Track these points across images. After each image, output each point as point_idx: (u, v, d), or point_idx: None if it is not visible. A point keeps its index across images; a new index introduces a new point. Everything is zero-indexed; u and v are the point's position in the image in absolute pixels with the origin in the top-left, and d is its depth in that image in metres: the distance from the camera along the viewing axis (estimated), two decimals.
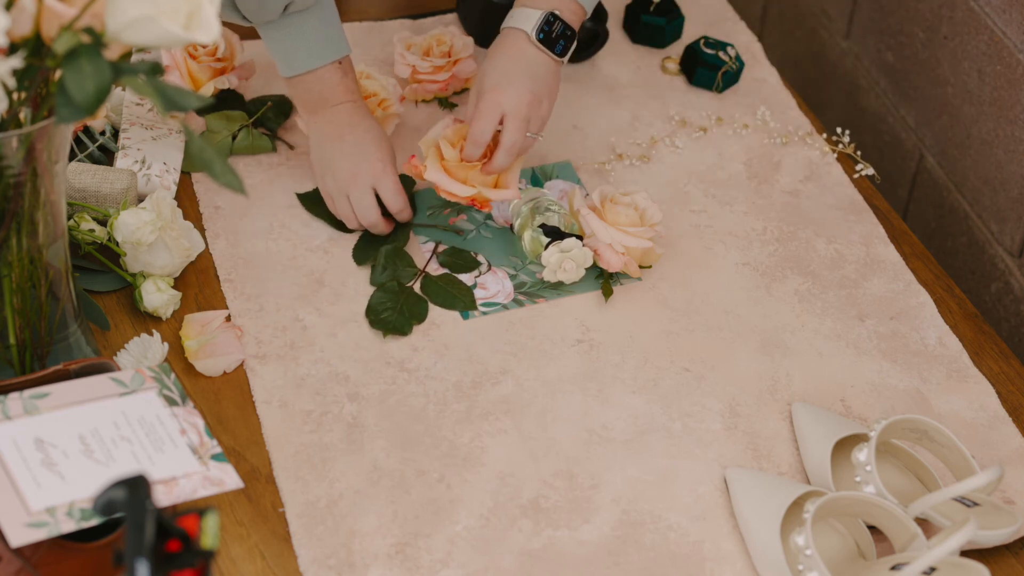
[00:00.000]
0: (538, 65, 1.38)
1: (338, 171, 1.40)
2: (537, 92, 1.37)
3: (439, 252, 1.43)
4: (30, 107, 1.02)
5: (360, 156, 1.40)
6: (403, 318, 1.35)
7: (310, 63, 1.37)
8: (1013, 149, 1.51)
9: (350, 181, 1.40)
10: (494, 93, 1.36)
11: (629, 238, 1.39)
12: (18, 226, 1.10)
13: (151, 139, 1.44)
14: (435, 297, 1.38)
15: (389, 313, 1.35)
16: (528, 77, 1.37)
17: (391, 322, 1.35)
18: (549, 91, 1.39)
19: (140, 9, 0.93)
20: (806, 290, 1.43)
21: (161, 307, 1.32)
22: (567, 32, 1.38)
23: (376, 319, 1.35)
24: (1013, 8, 1.48)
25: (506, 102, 1.36)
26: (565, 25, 1.38)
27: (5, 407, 1.08)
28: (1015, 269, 1.53)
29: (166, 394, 1.14)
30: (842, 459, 1.27)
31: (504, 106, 1.36)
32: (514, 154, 1.38)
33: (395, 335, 1.34)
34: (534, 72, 1.37)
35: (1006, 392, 1.36)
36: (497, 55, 1.38)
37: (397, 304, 1.36)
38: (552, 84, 1.39)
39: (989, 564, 1.20)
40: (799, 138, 1.59)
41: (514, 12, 1.39)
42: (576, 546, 1.20)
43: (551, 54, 1.38)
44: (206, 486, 1.08)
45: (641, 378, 1.34)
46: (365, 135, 1.40)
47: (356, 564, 1.17)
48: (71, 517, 1.02)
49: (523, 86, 1.36)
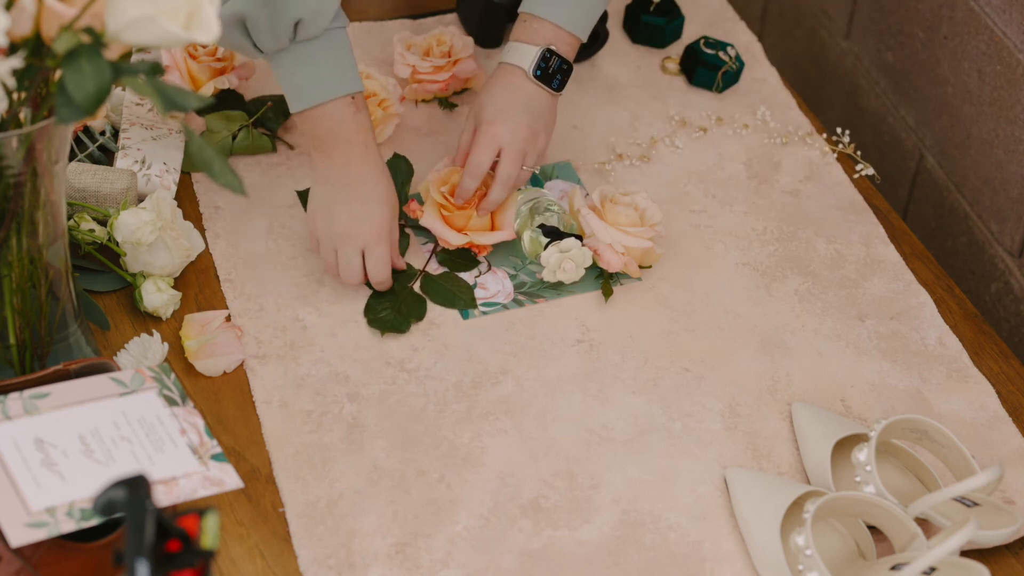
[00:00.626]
0: (535, 100, 1.39)
1: (335, 221, 1.34)
2: (534, 126, 1.39)
3: (439, 251, 1.43)
4: (30, 107, 1.02)
5: (362, 215, 1.33)
6: (401, 317, 1.35)
7: (319, 96, 1.31)
8: (1013, 149, 1.51)
9: (344, 237, 1.34)
10: (492, 126, 1.38)
11: (629, 238, 1.39)
12: (18, 226, 1.10)
13: (151, 139, 1.44)
14: (435, 296, 1.38)
15: (387, 312, 1.35)
16: (526, 112, 1.38)
17: (389, 321, 1.35)
18: (546, 125, 1.41)
19: (140, 9, 0.93)
20: (806, 290, 1.43)
21: (161, 307, 1.32)
22: (563, 66, 1.39)
23: (374, 318, 1.35)
24: (1013, 8, 1.48)
25: (504, 135, 1.37)
26: (561, 59, 1.39)
27: (5, 407, 1.08)
28: (1015, 269, 1.53)
29: (166, 394, 1.14)
30: (842, 459, 1.27)
31: (502, 139, 1.37)
32: (510, 188, 1.39)
33: (393, 333, 1.34)
34: (532, 107, 1.39)
35: (1006, 392, 1.36)
36: (495, 89, 1.39)
37: (395, 303, 1.36)
38: (549, 118, 1.41)
39: (989, 564, 1.20)
40: (799, 138, 1.59)
41: (511, 48, 1.40)
42: (576, 546, 1.20)
43: (548, 89, 1.39)
44: (206, 486, 1.08)
45: (641, 378, 1.34)
46: (373, 190, 1.34)
47: (356, 564, 1.17)
48: (71, 517, 1.02)
49: (521, 120, 1.38)
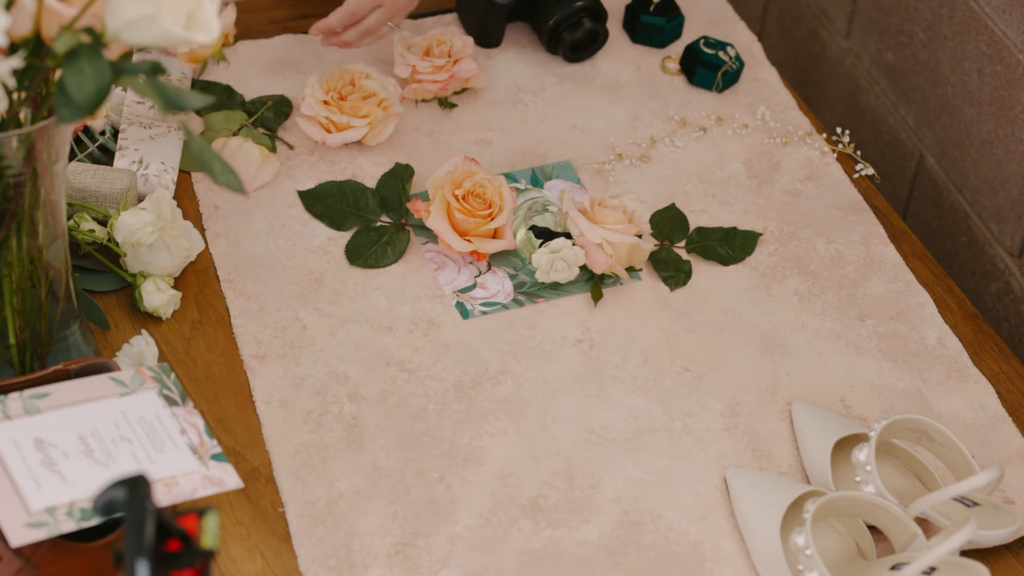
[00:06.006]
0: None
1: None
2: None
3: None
4: (30, 107, 1.02)
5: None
6: (380, 253, 1.42)
7: None
8: (1013, 149, 1.51)
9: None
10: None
11: (614, 235, 1.39)
12: (18, 226, 1.10)
13: (149, 139, 1.44)
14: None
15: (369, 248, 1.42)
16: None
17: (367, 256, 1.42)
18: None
19: (140, 9, 0.93)
20: (806, 290, 1.43)
21: (161, 307, 1.32)
22: None
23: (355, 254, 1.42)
24: (1013, 8, 1.48)
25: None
26: None
27: (5, 407, 1.08)
28: (1015, 269, 1.53)
29: (166, 394, 1.14)
30: (842, 459, 1.27)
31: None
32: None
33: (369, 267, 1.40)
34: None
35: (1006, 392, 1.36)
36: None
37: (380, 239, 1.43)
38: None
39: (989, 564, 1.20)
40: (799, 138, 1.59)
41: None
42: (576, 546, 1.20)
43: None
44: (206, 486, 1.08)
45: (641, 378, 1.34)
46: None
47: (356, 564, 1.17)
48: (71, 517, 1.02)
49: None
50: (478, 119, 1.57)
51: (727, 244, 1.45)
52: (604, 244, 1.38)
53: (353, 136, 1.50)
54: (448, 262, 1.42)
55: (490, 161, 1.53)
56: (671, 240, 1.46)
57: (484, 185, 1.41)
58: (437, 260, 1.43)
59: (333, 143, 1.50)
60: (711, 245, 1.45)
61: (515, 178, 1.51)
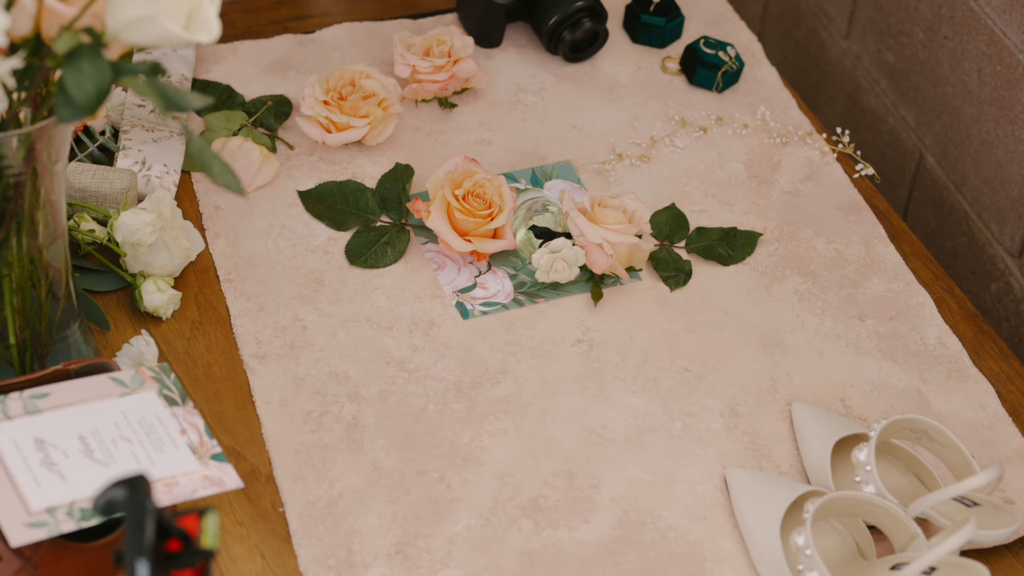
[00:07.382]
0: None
1: None
2: None
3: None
4: (30, 107, 1.03)
5: None
6: (379, 255, 1.41)
7: None
8: (1013, 149, 1.51)
9: None
10: None
11: (614, 235, 1.39)
12: (18, 226, 1.10)
13: (152, 141, 1.44)
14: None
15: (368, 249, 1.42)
16: None
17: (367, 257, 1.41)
18: None
19: (140, 9, 0.93)
20: (806, 290, 1.43)
21: (161, 307, 1.32)
22: None
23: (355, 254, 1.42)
24: (1013, 8, 1.48)
25: None
26: None
27: (5, 407, 1.08)
28: (1015, 269, 1.53)
29: (166, 394, 1.14)
30: (842, 459, 1.27)
31: None
32: None
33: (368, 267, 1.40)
34: None
35: (1006, 392, 1.36)
36: None
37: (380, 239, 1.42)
38: None
39: (989, 564, 1.20)
40: (799, 138, 1.59)
41: None
42: (576, 546, 1.20)
43: None
44: (206, 486, 1.08)
45: (641, 378, 1.34)
46: None
47: (356, 564, 1.17)
48: (71, 517, 1.02)
49: None
50: (478, 119, 1.57)
51: (727, 244, 1.45)
52: (604, 244, 1.38)
53: (353, 136, 1.50)
54: (448, 262, 1.42)
55: (490, 161, 1.53)
56: (671, 240, 1.46)
57: (484, 185, 1.41)
58: (437, 260, 1.43)
59: (333, 143, 1.50)
60: (711, 245, 1.45)
61: (515, 178, 1.51)
